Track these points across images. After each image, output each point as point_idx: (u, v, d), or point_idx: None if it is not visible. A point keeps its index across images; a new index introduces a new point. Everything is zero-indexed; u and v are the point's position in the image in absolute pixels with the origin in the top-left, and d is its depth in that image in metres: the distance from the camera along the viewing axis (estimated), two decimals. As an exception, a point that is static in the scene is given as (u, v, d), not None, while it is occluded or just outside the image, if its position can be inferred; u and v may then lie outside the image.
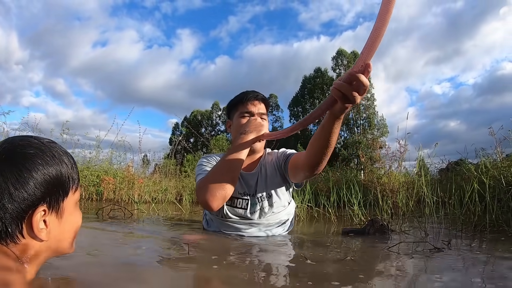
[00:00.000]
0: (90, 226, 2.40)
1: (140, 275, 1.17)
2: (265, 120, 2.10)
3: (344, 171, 7.22)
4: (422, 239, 2.04)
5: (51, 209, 0.87)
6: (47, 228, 0.86)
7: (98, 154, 6.89)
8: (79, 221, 0.99)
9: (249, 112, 2.07)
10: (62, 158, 0.90)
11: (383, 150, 5.50)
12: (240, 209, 2.05)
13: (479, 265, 1.46)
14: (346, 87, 1.07)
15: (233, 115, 2.15)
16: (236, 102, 2.14)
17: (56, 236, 0.89)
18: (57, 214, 0.89)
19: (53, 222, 0.88)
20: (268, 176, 2.09)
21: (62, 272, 1.08)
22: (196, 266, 1.31)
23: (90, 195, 5.73)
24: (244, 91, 2.17)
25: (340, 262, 1.34)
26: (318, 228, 2.92)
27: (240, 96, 2.14)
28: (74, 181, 0.93)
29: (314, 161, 1.71)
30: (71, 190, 0.92)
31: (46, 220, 0.86)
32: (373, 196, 3.82)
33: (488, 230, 2.47)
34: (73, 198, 0.94)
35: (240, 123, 2.06)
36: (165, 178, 7.09)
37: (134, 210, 4.01)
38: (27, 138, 0.89)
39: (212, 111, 46.22)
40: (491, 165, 3.32)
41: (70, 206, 0.93)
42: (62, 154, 0.91)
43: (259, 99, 2.11)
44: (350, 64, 34.34)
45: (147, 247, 1.69)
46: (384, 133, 32.58)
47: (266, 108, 2.16)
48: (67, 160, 0.91)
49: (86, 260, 1.29)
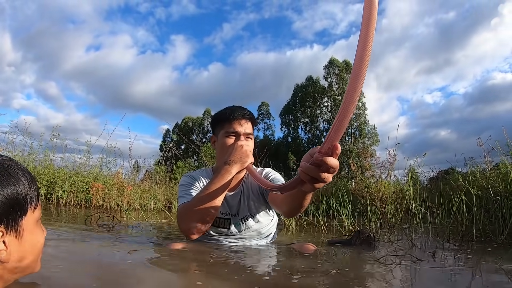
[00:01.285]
0: (78, 233, 2.38)
1: (124, 282, 1.16)
2: (250, 139, 2.05)
3: (334, 180, 7.25)
4: (409, 250, 2.06)
5: (9, 230, 0.84)
6: (7, 249, 0.84)
7: (88, 159, 6.84)
8: (41, 240, 0.96)
9: (235, 133, 2.01)
10: (18, 177, 0.87)
11: (373, 160, 5.53)
12: (223, 228, 2.06)
13: (462, 277, 1.47)
14: (314, 170, 0.96)
15: (218, 132, 2.09)
16: (222, 119, 2.07)
17: (17, 257, 0.87)
18: (16, 234, 0.86)
19: (13, 243, 0.85)
20: (251, 197, 2.07)
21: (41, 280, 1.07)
22: (180, 276, 1.31)
23: (79, 202, 5.68)
24: (230, 106, 2.10)
25: (326, 275, 1.34)
26: (306, 238, 2.93)
27: (226, 113, 2.05)
28: (32, 199, 0.90)
29: (289, 214, 1.81)
30: (29, 209, 0.90)
31: (5, 241, 0.84)
32: (362, 206, 3.84)
33: (475, 241, 2.48)
34: (33, 217, 0.92)
35: (226, 143, 2.01)
36: (155, 185, 7.06)
37: (123, 217, 3.98)
38: None
39: (203, 118, 46.18)
40: (480, 175, 3.36)
41: (30, 225, 0.90)
42: (18, 172, 0.88)
43: (246, 118, 2.04)
44: (341, 73, 34.65)
45: (133, 255, 1.68)
46: (375, 142, 32.81)
47: (253, 126, 2.11)
48: (24, 178, 0.89)
49: (63, 268, 1.28)
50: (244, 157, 1.91)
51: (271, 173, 2.12)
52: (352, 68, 0.84)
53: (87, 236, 2.38)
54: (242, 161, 1.89)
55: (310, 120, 37.19)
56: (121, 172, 6.84)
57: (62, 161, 6.54)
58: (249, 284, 1.12)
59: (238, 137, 2.00)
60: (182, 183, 2.10)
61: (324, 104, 36.58)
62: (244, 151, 1.93)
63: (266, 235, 2.16)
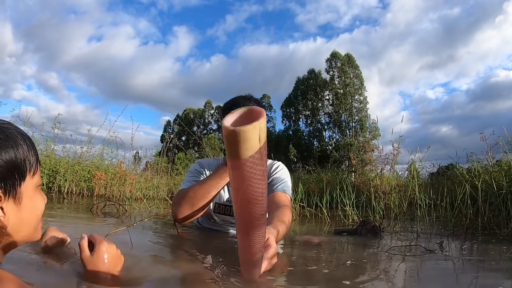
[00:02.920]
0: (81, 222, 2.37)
1: (132, 267, 1.16)
2: None
3: (335, 173, 7.25)
4: (414, 241, 2.06)
5: (7, 195, 0.82)
6: (5, 215, 0.82)
7: (90, 149, 6.83)
8: (41, 206, 0.93)
9: None
10: (16, 140, 0.84)
11: (375, 152, 5.52)
12: (228, 216, 2.07)
13: (472, 267, 1.47)
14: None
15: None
16: (228, 110, 1.98)
17: (16, 222, 0.85)
18: (15, 200, 0.84)
19: (11, 209, 0.83)
20: None
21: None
22: (190, 263, 1.30)
23: (81, 191, 5.68)
24: (237, 96, 2.05)
25: (342, 265, 1.33)
26: (311, 228, 2.93)
27: (233, 104, 1.99)
28: (31, 164, 0.88)
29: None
30: (28, 174, 0.87)
31: (3, 207, 0.82)
32: (366, 198, 3.84)
33: (480, 233, 2.49)
34: (32, 182, 0.89)
35: None
36: (157, 175, 7.05)
37: (126, 206, 3.98)
38: None
39: (204, 109, 46.03)
40: (482, 170, 3.35)
41: (29, 190, 0.88)
42: (17, 135, 0.86)
43: None
44: (343, 67, 34.48)
45: (137, 241, 1.68)
46: (376, 136, 32.73)
47: None
48: (23, 142, 0.86)
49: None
50: None
51: (276, 171, 2.05)
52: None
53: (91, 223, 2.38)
54: None
55: (312, 113, 37.05)
56: (123, 162, 6.82)
57: (63, 152, 6.51)
58: (268, 273, 1.11)
59: None
60: (190, 169, 2.12)
61: (325, 97, 36.39)
62: None
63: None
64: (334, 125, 35.43)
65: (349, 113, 34.23)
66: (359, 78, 34.64)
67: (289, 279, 1.15)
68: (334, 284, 1.08)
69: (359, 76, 34.69)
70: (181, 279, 1.14)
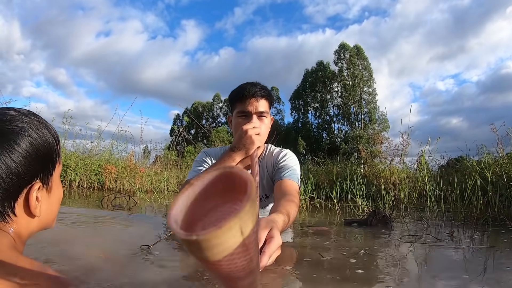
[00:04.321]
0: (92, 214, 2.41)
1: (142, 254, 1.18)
2: (265, 118, 1.93)
3: (344, 165, 7.25)
4: (425, 231, 2.06)
5: (43, 184, 0.84)
6: (39, 204, 0.83)
7: (100, 144, 6.89)
8: (62, 194, 0.95)
9: (246, 112, 1.90)
10: (45, 131, 0.85)
11: (385, 144, 5.50)
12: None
13: (483, 255, 1.47)
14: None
15: (232, 111, 2.01)
16: (235, 99, 1.97)
17: (45, 210, 0.86)
18: (47, 189, 0.86)
19: (44, 197, 0.85)
20: (265, 179, 2.04)
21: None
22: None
23: (92, 184, 5.75)
24: (244, 83, 1.98)
25: (355, 255, 1.34)
26: (321, 218, 2.94)
27: (239, 92, 1.95)
28: (58, 153, 0.89)
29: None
30: (57, 163, 0.89)
31: (38, 196, 0.82)
32: (375, 189, 3.84)
33: (490, 224, 2.48)
34: (58, 171, 0.91)
35: (236, 124, 1.92)
36: (166, 168, 7.11)
37: (136, 198, 4.02)
38: (8, 113, 0.83)
39: (213, 102, 46.07)
40: (493, 162, 3.33)
41: (56, 179, 0.90)
42: (46, 125, 0.86)
43: (258, 96, 1.91)
44: (352, 58, 34.22)
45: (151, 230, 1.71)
46: (385, 128, 32.52)
47: (269, 103, 1.98)
48: (51, 131, 0.87)
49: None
50: (248, 144, 1.77)
51: (284, 159, 2.02)
52: None
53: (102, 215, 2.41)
54: (247, 148, 1.77)
55: (320, 105, 36.91)
56: (133, 155, 6.88)
57: (73, 147, 6.58)
58: (282, 263, 1.12)
59: (250, 117, 1.89)
60: (196, 159, 2.11)
61: (334, 89, 36.19)
62: (248, 136, 1.77)
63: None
64: (343, 117, 35.28)
65: (358, 105, 34.04)
66: (368, 69, 34.40)
67: (305, 268, 1.16)
68: (350, 272, 1.09)
69: (368, 68, 34.45)
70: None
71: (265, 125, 1.92)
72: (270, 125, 2.00)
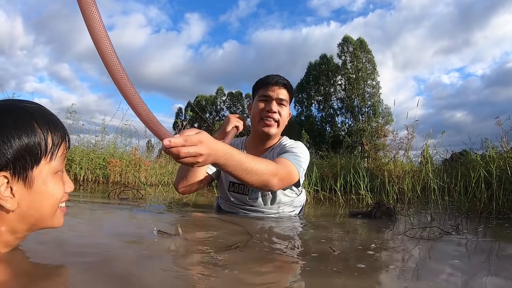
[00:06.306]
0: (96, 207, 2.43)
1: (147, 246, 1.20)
2: (284, 106, 2.09)
3: (348, 158, 7.25)
4: (429, 224, 2.07)
5: (16, 177, 0.82)
6: (13, 197, 0.82)
7: (104, 138, 6.92)
8: (58, 193, 0.90)
9: (267, 97, 2.06)
10: (31, 123, 0.84)
11: (390, 137, 5.49)
12: (241, 195, 2.11)
13: (489, 249, 1.48)
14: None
15: (254, 97, 2.17)
16: (259, 85, 2.14)
17: (27, 206, 0.84)
18: (25, 183, 0.83)
19: (21, 191, 0.83)
20: None
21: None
22: (211, 248, 1.33)
23: (97, 178, 5.78)
24: (268, 74, 2.16)
25: (365, 249, 1.35)
26: (325, 211, 2.95)
27: (263, 79, 2.14)
28: (48, 149, 0.87)
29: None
30: (44, 158, 0.86)
31: (12, 188, 0.81)
32: (379, 182, 3.85)
33: (494, 217, 2.49)
34: (49, 167, 0.88)
35: (257, 106, 2.09)
36: (171, 162, 7.13)
37: (142, 191, 4.04)
38: (13, 99, 0.86)
39: (216, 96, 45.95)
40: (497, 156, 3.33)
41: (44, 175, 0.86)
42: (35, 118, 0.85)
43: (280, 84, 2.09)
44: (355, 51, 33.98)
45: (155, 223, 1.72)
46: (389, 122, 32.36)
47: (290, 95, 2.15)
48: (42, 125, 0.85)
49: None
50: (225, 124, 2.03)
51: (292, 146, 2.06)
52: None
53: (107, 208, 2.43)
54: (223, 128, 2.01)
55: (324, 99, 36.69)
56: (137, 149, 6.90)
57: (77, 141, 6.60)
58: (295, 257, 1.13)
59: (270, 101, 2.06)
60: None
61: (338, 83, 35.96)
62: (231, 116, 2.06)
63: (289, 212, 2.19)
64: (346, 110, 35.07)
65: (362, 98, 33.84)
66: (372, 62, 34.14)
67: (317, 262, 1.16)
68: (366, 265, 1.10)
69: (372, 61, 34.20)
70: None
71: (285, 112, 2.11)
72: (288, 117, 2.17)
